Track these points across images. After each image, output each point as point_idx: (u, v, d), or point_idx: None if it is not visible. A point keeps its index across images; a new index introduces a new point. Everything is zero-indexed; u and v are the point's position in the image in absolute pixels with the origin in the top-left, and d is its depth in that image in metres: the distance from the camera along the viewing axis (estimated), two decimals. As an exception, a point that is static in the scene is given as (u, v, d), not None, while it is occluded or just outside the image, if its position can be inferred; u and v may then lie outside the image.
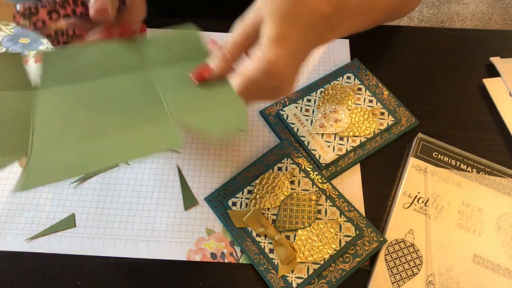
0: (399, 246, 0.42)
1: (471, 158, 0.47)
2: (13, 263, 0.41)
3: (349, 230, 0.42)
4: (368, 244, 0.41)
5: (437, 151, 0.47)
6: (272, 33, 0.34)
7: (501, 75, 0.53)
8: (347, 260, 0.41)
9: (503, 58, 0.54)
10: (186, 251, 0.42)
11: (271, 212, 0.43)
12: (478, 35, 0.59)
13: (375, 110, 0.50)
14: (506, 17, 1.65)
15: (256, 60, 0.34)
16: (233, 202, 0.44)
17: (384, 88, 0.52)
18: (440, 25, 1.64)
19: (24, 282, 0.40)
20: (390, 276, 0.40)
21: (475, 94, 0.53)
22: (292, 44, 0.35)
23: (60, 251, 0.41)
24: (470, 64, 0.56)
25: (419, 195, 0.44)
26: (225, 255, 0.41)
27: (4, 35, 0.55)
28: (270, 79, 0.34)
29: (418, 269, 0.40)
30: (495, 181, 0.45)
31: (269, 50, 0.34)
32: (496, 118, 0.51)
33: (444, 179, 0.45)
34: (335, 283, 0.39)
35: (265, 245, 0.41)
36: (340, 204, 0.43)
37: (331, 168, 0.46)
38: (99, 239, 0.42)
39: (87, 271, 0.40)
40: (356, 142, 0.47)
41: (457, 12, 1.67)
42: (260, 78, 0.34)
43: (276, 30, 0.34)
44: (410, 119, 0.50)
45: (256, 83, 0.34)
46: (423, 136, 0.48)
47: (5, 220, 0.43)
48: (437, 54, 0.56)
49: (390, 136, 0.48)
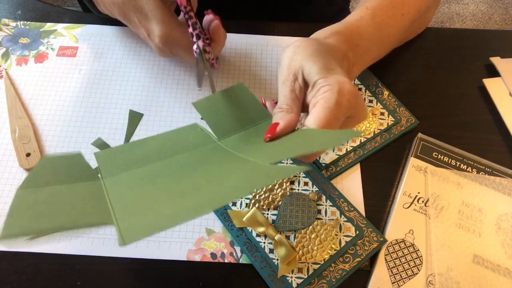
0: (399, 246, 0.42)
1: (471, 158, 0.46)
2: (13, 263, 0.41)
3: (349, 230, 0.42)
4: (368, 244, 0.41)
5: (437, 151, 0.47)
6: (319, 67, 0.35)
7: (501, 75, 0.53)
8: (347, 260, 0.41)
9: (503, 58, 0.54)
10: (186, 251, 0.42)
11: (271, 212, 0.43)
12: (478, 35, 0.59)
13: (375, 110, 0.50)
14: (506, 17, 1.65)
15: (324, 90, 0.33)
16: (233, 202, 0.44)
17: (384, 88, 0.52)
18: (440, 25, 1.64)
19: (24, 282, 0.40)
20: (390, 276, 0.40)
21: (475, 94, 0.53)
22: (339, 70, 0.35)
23: (60, 251, 0.41)
24: (470, 64, 0.55)
25: (419, 195, 0.44)
26: (225, 255, 0.41)
27: (4, 35, 0.55)
28: (347, 99, 0.33)
29: (418, 269, 0.40)
30: (495, 181, 0.45)
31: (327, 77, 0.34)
32: (496, 118, 0.51)
33: (444, 179, 0.45)
34: (335, 283, 0.39)
35: (265, 245, 0.41)
36: (340, 204, 0.43)
37: (331, 168, 0.46)
38: (99, 239, 0.42)
39: (87, 271, 0.40)
40: (356, 142, 0.47)
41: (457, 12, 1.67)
42: (339, 101, 0.33)
43: (319, 64, 0.35)
44: (410, 119, 0.50)
45: (337, 109, 0.33)
46: (423, 136, 0.48)
47: (5, 220, 0.43)
48: (437, 54, 0.56)
49: (390, 136, 0.48)
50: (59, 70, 0.52)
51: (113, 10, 0.46)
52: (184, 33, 0.43)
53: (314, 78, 0.35)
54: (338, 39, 0.40)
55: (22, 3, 0.58)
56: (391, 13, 0.45)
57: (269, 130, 0.35)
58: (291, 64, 0.37)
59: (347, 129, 0.34)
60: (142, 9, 0.43)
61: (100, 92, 0.51)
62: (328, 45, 0.38)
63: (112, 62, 0.53)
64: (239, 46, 0.55)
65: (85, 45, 0.55)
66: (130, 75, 0.52)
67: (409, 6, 0.47)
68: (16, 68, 0.52)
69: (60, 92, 0.51)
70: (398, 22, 0.46)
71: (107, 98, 0.50)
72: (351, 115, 0.35)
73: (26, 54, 0.53)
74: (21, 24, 0.56)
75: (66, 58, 0.53)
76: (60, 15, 0.57)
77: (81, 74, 0.52)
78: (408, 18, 0.47)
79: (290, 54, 0.37)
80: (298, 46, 0.37)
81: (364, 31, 0.42)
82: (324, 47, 0.38)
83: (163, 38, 0.43)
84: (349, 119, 0.35)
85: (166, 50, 0.45)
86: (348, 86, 0.33)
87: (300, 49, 0.37)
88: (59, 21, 0.57)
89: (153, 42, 0.45)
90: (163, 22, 0.42)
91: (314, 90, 0.35)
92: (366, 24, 0.43)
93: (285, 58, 0.37)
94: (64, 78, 0.52)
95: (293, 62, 0.36)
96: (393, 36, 0.47)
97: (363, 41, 0.42)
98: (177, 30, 0.43)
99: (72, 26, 0.56)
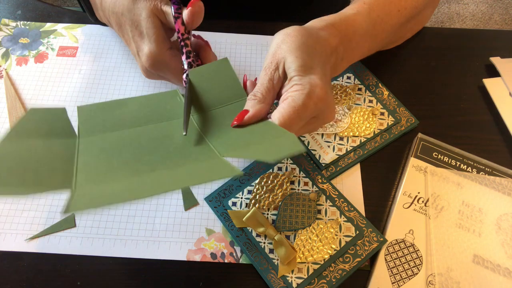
0: (399, 246, 0.42)
1: (471, 158, 0.46)
2: (13, 263, 0.41)
3: (349, 230, 0.42)
4: (368, 244, 0.41)
5: (437, 151, 0.47)
6: (298, 64, 0.35)
7: (501, 75, 0.53)
8: (347, 260, 0.41)
9: (503, 58, 0.54)
10: (186, 251, 0.42)
11: (271, 212, 0.43)
12: (478, 35, 0.59)
13: (375, 110, 0.50)
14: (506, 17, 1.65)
15: (295, 89, 0.35)
16: (233, 202, 0.44)
17: (384, 88, 0.52)
18: (440, 25, 1.64)
19: (24, 282, 0.40)
20: (390, 276, 0.40)
21: (475, 94, 0.53)
22: (318, 70, 0.36)
23: (60, 251, 0.41)
24: (470, 64, 0.55)
25: (419, 195, 0.44)
26: (225, 255, 0.41)
27: (4, 35, 0.55)
28: (315, 102, 0.34)
29: (418, 269, 0.40)
30: (495, 181, 0.45)
31: (303, 77, 0.35)
32: (496, 118, 0.51)
33: (444, 179, 0.45)
34: (335, 283, 0.39)
35: (265, 245, 0.41)
36: (340, 204, 0.43)
37: (331, 168, 0.46)
38: (99, 239, 0.42)
39: (87, 271, 0.40)
40: (356, 142, 0.47)
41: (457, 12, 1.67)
42: (305, 103, 0.34)
43: (300, 61, 0.36)
44: (410, 119, 0.50)
45: (302, 110, 0.34)
46: (423, 136, 0.48)
47: (5, 220, 0.43)
48: (437, 54, 0.56)
49: (390, 136, 0.48)
50: (59, 70, 0.52)
51: (111, 19, 0.46)
52: (174, 57, 0.43)
53: (292, 74, 0.36)
54: (332, 32, 0.40)
55: (22, 3, 0.58)
56: (387, 9, 0.45)
57: (238, 116, 0.36)
58: (276, 51, 0.37)
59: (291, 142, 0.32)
60: (138, 25, 0.42)
61: (100, 92, 0.51)
62: (319, 38, 0.38)
63: (112, 62, 0.53)
64: (239, 46, 0.55)
65: (85, 45, 0.55)
66: (130, 75, 0.52)
67: (406, 1, 0.47)
68: (16, 68, 0.52)
69: (60, 92, 0.51)
70: (393, 18, 0.46)
71: (107, 98, 0.50)
72: (316, 116, 0.36)
73: (26, 54, 0.53)
74: (21, 24, 0.56)
75: (66, 58, 0.53)
76: (60, 15, 0.57)
77: (81, 74, 0.52)
78: (404, 14, 0.47)
79: (278, 42, 0.38)
80: (288, 34, 0.38)
81: (359, 26, 0.42)
82: (313, 40, 0.38)
83: (151, 59, 0.42)
84: (314, 119, 0.37)
85: (151, 72, 0.44)
86: (319, 90, 0.34)
87: (289, 39, 0.37)
88: (59, 21, 0.57)
89: (140, 61, 0.44)
90: (155, 42, 0.42)
91: (288, 86, 0.36)
92: (361, 19, 0.43)
93: (273, 44, 0.38)
94: (64, 78, 0.52)
95: (279, 50, 0.37)
96: (386, 32, 0.47)
97: (356, 36, 0.42)
98: (167, 53, 0.42)
99: (72, 26, 0.56)
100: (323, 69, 0.37)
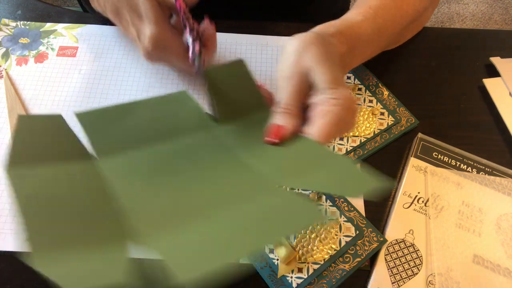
0: (399, 246, 0.42)
1: (471, 158, 0.46)
2: (13, 263, 0.41)
3: (349, 230, 0.42)
4: (368, 244, 0.41)
5: (437, 151, 0.47)
6: (330, 77, 0.34)
7: (501, 75, 0.53)
8: (347, 260, 0.41)
9: (503, 58, 0.54)
10: (186, 251, 0.42)
11: (271, 212, 0.43)
12: (478, 35, 0.59)
13: (375, 110, 0.50)
14: (506, 17, 1.65)
15: (332, 103, 0.33)
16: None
17: (384, 88, 0.52)
18: (440, 25, 1.64)
19: (24, 282, 0.40)
20: (390, 276, 0.40)
21: (475, 94, 0.53)
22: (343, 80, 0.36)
23: (60, 251, 0.41)
24: (470, 64, 0.55)
25: (419, 195, 0.44)
26: (225, 255, 0.41)
27: (4, 35, 0.55)
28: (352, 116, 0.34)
29: (418, 269, 0.40)
30: (495, 181, 0.45)
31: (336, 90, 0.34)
32: (496, 118, 0.51)
33: (444, 179, 0.45)
34: (335, 283, 0.39)
35: (265, 245, 0.41)
36: (340, 204, 0.43)
37: (331, 168, 0.46)
38: (99, 239, 0.42)
39: (87, 271, 0.40)
40: (356, 142, 0.47)
41: (457, 12, 1.67)
42: (344, 117, 0.33)
43: (331, 74, 0.34)
44: (410, 119, 0.50)
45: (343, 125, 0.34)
46: (423, 136, 0.48)
47: (5, 220, 0.43)
48: (437, 54, 0.56)
49: (390, 136, 0.48)
50: (59, 70, 0.52)
51: (106, 5, 0.45)
52: (176, 38, 0.42)
53: (323, 86, 0.34)
54: (340, 40, 0.39)
55: (22, 3, 0.58)
56: (391, 14, 0.45)
57: (273, 132, 0.33)
58: (299, 60, 0.35)
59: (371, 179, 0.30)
60: (136, 8, 0.42)
61: (100, 92, 0.51)
62: (333, 47, 0.38)
63: (112, 62, 0.53)
64: (240, 46, 0.55)
65: (85, 45, 0.55)
66: (130, 75, 0.52)
67: (407, 5, 0.47)
68: (16, 68, 0.52)
69: (60, 92, 0.51)
70: (396, 24, 0.46)
71: (107, 98, 0.50)
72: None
73: (26, 54, 0.53)
74: (21, 24, 0.56)
75: (66, 58, 0.53)
76: (60, 15, 0.57)
77: (81, 74, 0.52)
78: (406, 19, 0.47)
79: (299, 49, 0.35)
80: (308, 43, 0.35)
81: (364, 32, 0.42)
82: (331, 49, 0.37)
83: (154, 40, 0.41)
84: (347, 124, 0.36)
85: (154, 54, 0.43)
86: (354, 104, 0.34)
87: (311, 48, 0.35)
88: (59, 21, 0.57)
89: (142, 44, 0.43)
90: (156, 23, 0.41)
91: (320, 98, 0.34)
92: (367, 25, 0.42)
93: (291, 51, 0.36)
94: (64, 78, 0.52)
95: (303, 60, 0.35)
96: (388, 38, 0.47)
97: (362, 43, 0.42)
98: (169, 33, 0.42)
99: (72, 26, 0.56)
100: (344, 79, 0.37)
